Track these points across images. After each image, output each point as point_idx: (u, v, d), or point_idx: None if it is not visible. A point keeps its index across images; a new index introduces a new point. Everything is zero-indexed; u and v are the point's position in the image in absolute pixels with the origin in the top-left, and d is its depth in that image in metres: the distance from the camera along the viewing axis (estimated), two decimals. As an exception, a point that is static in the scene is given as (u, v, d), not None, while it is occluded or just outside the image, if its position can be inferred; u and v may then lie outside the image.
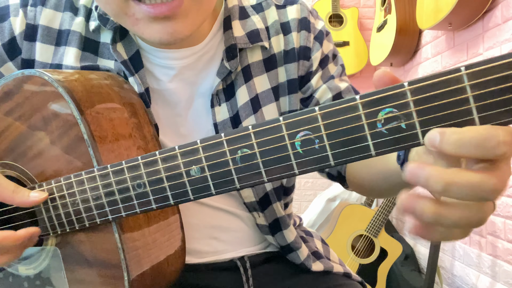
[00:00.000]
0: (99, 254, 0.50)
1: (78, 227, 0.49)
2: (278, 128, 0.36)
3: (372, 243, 2.00)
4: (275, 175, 0.37)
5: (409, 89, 0.31)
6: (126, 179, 0.44)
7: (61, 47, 0.58)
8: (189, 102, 0.62)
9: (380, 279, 1.98)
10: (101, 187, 0.46)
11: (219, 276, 0.67)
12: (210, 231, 0.65)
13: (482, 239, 1.70)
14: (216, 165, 0.39)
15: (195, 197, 0.41)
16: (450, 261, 1.94)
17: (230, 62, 0.59)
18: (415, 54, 2.27)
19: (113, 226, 0.48)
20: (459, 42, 1.82)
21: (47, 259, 0.54)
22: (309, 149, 0.35)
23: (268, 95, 0.63)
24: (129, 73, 0.57)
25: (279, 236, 0.66)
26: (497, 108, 0.29)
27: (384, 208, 1.98)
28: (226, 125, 0.61)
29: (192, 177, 0.40)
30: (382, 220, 1.98)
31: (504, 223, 1.56)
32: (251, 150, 0.37)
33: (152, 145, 0.55)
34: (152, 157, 0.42)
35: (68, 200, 0.49)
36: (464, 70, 0.30)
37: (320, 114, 0.34)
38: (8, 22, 0.57)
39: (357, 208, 2.07)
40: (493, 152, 0.28)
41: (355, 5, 2.86)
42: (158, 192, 0.43)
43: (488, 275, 1.65)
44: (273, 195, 0.64)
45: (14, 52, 0.57)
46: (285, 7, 0.65)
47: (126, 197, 0.45)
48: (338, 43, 2.65)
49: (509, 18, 1.48)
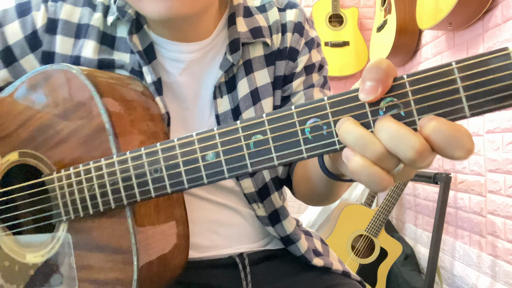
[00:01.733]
0: (110, 240, 0.51)
1: (92, 212, 0.51)
2: (290, 115, 0.39)
3: (372, 243, 2.00)
4: (285, 159, 0.40)
5: (407, 81, 0.35)
6: (144, 164, 0.47)
7: (80, 40, 0.61)
8: (197, 96, 0.64)
9: (380, 279, 1.98)
10: (118, 172, 0.48)
11: (218, 273, 0.67)
12: (210, 226, 0.66)
13: (482, 239, 1.70)
14: (230, 150, 0.42)
15: (208, 181, 0.44)
16: (450, 261, 1.94)
17: (232, 55, 0.62)
18: (415, 54, 2.27)
19: (126, 211, 0.50)
20: (459, 42, 1.82)
21: (57, 245, 0.55)
22: (318, 135, 0.38)
23: (267, 89, 0.66)
24: (143, 62, 0.60)
25: (279, 227, 0.68)
26: (484, 97, 0.33)
27: (384, 208, 1.98)
28: (228, 117, 0.64)
29: (208, 162, 0.43)
30: (382, 220, 1.98)
31: (504, 223, 1.56)
32: (264, 136, 0.40)
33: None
34: (170, 143, 0.45)
35: (85, 185, 0.50)
36: (455, 64, 0.34)
37: (329, 103, 0.38)
38: (30, 16, 0.60)
39: (357, 208, 2.07)
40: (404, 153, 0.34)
41: (355, 5, 2.86)
42: (173, 176, 0.45)
43: (488, 275, 1.65)
44: (271, 185, 0.67)
45: (36, 44, 0.60)
46: (285, 10, 0.69)
47: (142, 182, 0.47)
48: (338, 43, 2.65)
49: (509, 18, 1.48)
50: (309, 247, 0.71)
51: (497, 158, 1.60)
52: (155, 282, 0.55)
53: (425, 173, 1.89)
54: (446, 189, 1.73)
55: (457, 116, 0.34)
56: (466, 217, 1.82)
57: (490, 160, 1.64)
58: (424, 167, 0.35)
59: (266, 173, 0.66)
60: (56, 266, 0.55)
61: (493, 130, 1.61)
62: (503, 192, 1.56)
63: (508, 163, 1.53)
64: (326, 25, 2.69)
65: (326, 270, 0.71)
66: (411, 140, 0.33)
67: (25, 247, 0.57)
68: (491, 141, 1.63)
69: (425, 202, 2.19)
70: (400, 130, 0.34)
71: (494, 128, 1.61)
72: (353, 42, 2.64)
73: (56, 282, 0.55)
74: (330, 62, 2.60)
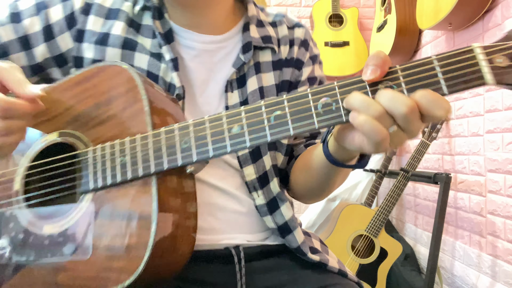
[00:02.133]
0: (132, 207, 0.56)
1: (120, 179, 0.56)
2: (305, 95, 0.49)
3: (372, 243, 2.00)
4: (300, 129, 0.49)
5: (399, 68, 0.47)
6: (175, 137, 0.55)
7: (110, 20, 0.71)
8: (204, 85, 0.72)
9: (380, 279, 1.98)
10: (151, 144, 0.55)
11: (213, 268, 0.69)
12: (207, 208, 0.70)
13: (482, 239, 1.70)
14: (254, 123, 0.51)
15: (231, 149, 0.52)
16: (450, 261, 1.94)
17: (244, 54, 0.72)
18: (415, 54, 2.27)
19: (152, 179, 0.55)
20: (459, 42, 1.82)
21: (78, 215, 0.59)
22: (328, 110, 0.48)
23: (272, 90, 0.74)
24: (163, 42, 0.69)
25: (277, 214, 0.72)
26: (456, 79, 0.45)
27: (384, 208, 1.98)
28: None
29: (232, 133, 0.52)
30: (382, 220, 1.98)
31: (504, 223, 1.56)
32: (282, 111, 0.50)
33: None
34: (201, 119, 0.54)
35: (118, 156, 0.57)
36: (435, 56, 0.46)
37: (337, 85, 0.48)
38: (70, 1, 0.71)
39: (357, 208, 2.07)
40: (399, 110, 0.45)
41: (355, 5, 2.86)
42: (200, 146, 0.53)
43: (488, 275, 1.65)
44: (271, 173, 0.72)
45: (72, 23, 0.70)
46: (294, 28, 0.81)
47: (172, 151, 0.54)
48: (338, 43, 2.65)
49: (509, 18, 1.47)
50: (305, 240, 0.73)
51: (497, 158, 1.60)
52: (162, 265, 0.57)
53: (425, 173, 1.89)
54: (446, 189, 1.73)
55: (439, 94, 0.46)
56: (466, 217, 1.82)
57: (490, 160, 1.64)
58: (413, 132, 0.46)
59: (267, 160, 0.72)
60: (72, 235, 0.58)
61: (493, 130, 1.61)
62: (503, 192, 1.56)
63: (508, 163, 1.53)
64: (326, 25, 2.69)
65: (322, 269, 0.72)
66: (405, 100, 0.44)
67: (45, 219, 0.60)
68: (491, 141, 1.63)
69: (425, 202, 2.19)
70: (395, 94, 0.45)
71: (494, 128, 1.61)
72: (353, 42, 2.64)
73: (69, 251, 0.58)
74: (330, 62, 2.59)
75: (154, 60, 0.69)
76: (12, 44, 0.70)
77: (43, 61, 0.71)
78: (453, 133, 1.93)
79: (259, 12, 0.79)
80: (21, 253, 0.60)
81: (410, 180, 1.98)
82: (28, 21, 0.70)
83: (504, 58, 0.44)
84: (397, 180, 1.97)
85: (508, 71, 0.44)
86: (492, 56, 0.45)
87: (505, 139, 1.55)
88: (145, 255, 0.53)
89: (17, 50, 0.70)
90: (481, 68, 0.44)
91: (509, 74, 0.44)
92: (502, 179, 1.57)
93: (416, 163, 1.95)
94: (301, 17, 2.90)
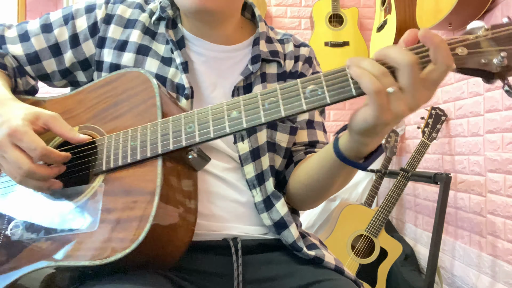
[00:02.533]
0: (138, 184, 0.62)
1: (130, 160, 0.64)
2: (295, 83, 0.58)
3: (372, 243, 2.00)
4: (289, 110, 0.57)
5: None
6: (181, 123, 0.63)
7: (128, 29, 0.80)
8: (212, 87, 0.79)
9: (380, 279, 1.97)
10: (159, 129, 0.63)
11: (210, 258, 0.71)
12: (208, 196, 0.74)
13: (482, 239, 1.70)
14: (250, 107, 0.59)
15: (230, 130, 0.59)
16: (450, 261, 1.94)
17: (253, 65, 0.79)
18: (415, 54, 2.27)
19: (159, 160, 0.62)
20: (459, 42, 1.82)
21: (90, 194, 0.65)
22: (314, 94, 0.57)
23: None
24: (175, 48, 0.77)
25: (273, 211, 0.75)
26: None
27: (384, 208, 1.98)
28: None
29: (231, 117, 0.60)
30: (382, 220, 1.98)
31: (504, 223, 1.56)
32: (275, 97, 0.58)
33: None
34: (204, 108, 0.62)
35: (130, 140, 0.65)
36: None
37: (323, 74, 0.58)
38: (94, 13, 0.81)
39: (357, 208, 2.07)
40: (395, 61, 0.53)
41: (355, 5, 2.86)
42: (203, 128, 0.61)
43: (488, 275, 1.65)
44: (268, 172, 0.77)
45: (95, 31, 0.80)
46: (300, 47, 0.88)
47: (177, 134, 0.62)
48: (338, 43, 2.65)
49: (509, 18, 1.48)
50: (299, 234, 0.76)
51: (497, 158, 1.60)
52: (163, 240, 0.61)
53: (425, 173, 1.89)
54: (446, 189, 1.73)
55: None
56: (466, 217, 1.82)
57: (490, 160, 1.64)
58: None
59: (265, 161, 0.77)
60: (82, 211, 0.64)
61: (493, 130, 1.61)
62: (503, 192, 1.56)
63: (508, 163, 1.53)
64: (326, 25, 2.69)
65: (318, 265, 0.73)
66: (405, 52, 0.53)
67: (60, 199, 0.67)
68: (491, 141, 1.63)
69: (425, 202, 2.19)
70: (398, 48, 0.53)
71: (494, 128, 1.61)
72: (353, 42, 2.64)
73: (77, 225, 0.63)
74: (330, 62, 2.59)
75: (164, 65, 0.77)
76: (44, 51, 0.80)
77: (70, 66, 0.80)
78: (453, 133, 1.93)
79: (269, 30, 0.87)
80: (32, 231, 0.66)
81: (410, 180, 1.98)
82: (57, 31, 0.80)
83: (464, 48, 0.55)
84: (397, 180, 1.97)
85: (468, 57, 0.54)
86: (453, 46, 0.54)
87: (505, 139, 1.55)
88: (147, 225, 0.57)
89: (49, 56, 0.80)
90: None
91: (469, 59, 0.54)
92: (502, 179, 1.57)
93: (416, 163, 1.95)
94: (301, 17, 2.90)
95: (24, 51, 0.79)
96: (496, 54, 0.54)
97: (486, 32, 0.55)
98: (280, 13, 2.90)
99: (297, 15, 2.90)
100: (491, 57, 0.54)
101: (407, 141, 2.43)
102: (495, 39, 0.54)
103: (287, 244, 0.74)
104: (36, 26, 0.81)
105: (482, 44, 0.54)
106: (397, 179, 1.98)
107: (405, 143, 2.45)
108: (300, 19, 2.90)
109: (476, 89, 1.74)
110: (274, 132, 0.78)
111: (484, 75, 0.55)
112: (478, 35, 0.55)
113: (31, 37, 0.80)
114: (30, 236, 0.66)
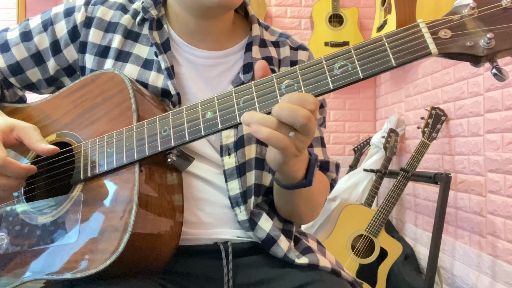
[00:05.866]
0: (116, 193, 0.61)
1: (106, 168, 0.62)
2: (270, 79, 0.56)
3: (372, 243, 2.00)
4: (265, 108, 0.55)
5: (352, 47, 0.53)
6: (156, 126, 0.60)
7: (109, 34, 0.76)
8: (200, 94, 0.75)
9: (380, 279, 1.98)
10: (135, 134, 0.61)
11: (200, 262, 0.70)
12: (197, 203, 0.71)
13: (482, 239, 1.70)
14: (225, 107, 0.57)
15: (205, 133, 0.57)
16: (450, 261, 1.94)
17: (244, 75, 0.74)
18: (415, 54, 2.27)
19: (135, 166, 0.61)
20: (459, 42, 1.82)
21: (69, 205, 0.64)
22: (290, 90, 0.55)
23: None
24: (159, 52, 0.73)
25: (258, 229, 0.71)
26: (404, 51, 0.51)
27: (384, 208, 1.98)
28: None
29: (206, 118, 0.57)
30: (382, 220, 1.98)
31: (504, 223, 1.56)
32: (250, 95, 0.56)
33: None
34: (179, 109, 0.60)
35: (106, 147, 0.63)
36: (384, 36, 0.52)
37: (298, 68, 0.55)
38: (73, 16, 0.77)
39: (357, 208, 2.07)
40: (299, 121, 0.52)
41: (355, 5, 2.86)
42: (178, 131, 0.59)
43: (488, 275, 1.65)
44: (251, 190, 0.73)
45: (75, 36, 0.76)
46: (297, 50, 0.82)
47: (152, 139, 0.60)
48: (338, 43, 2.65)
49: (509, 18, 1.47)
50: (291, 245, 0.73)
51: (497, 158, 1.60)
52: (145, 248, 0.60)
53: (425, 173, 1.89)
54: (446, 189, 1.73)
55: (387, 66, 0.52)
56: (466, 217, 1.82)
57: (490, 160, 1.64)
58: (310, 132, 0.53)
59: (251, 178, 0.72)
60: (62, 223, 0.63)
61: (493, 130, 1.61)
62: (503, 192, 1.56)
63: (508, 163, 1.53)
64: (326, 25, 2.69)
65: (312, 267, 0.71)
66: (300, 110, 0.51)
67: (41, 210, 0.66)
68: (491, 141, 1.63)
69: (425, 202, 2.19)
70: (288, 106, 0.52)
71: (494, 128, 1.61)
72: (353, 42, 2.64)
73: (59, 237, 0.62)
74: (330, 62, 2.59)
75: (144, 69, 0.74)
76: (26, 61, 0.77)
77: (55, 73, 0.78)
78: (453, 133, 1.93)
79: (263, 32, 0.81)
80: (17, 243, 0.65)
81: (410, 180, 1.98)
82: (37, 38, 0.77)
83: (448, 31, 0.50)
84: (397, 180, 1.97)
85: (452, 40, 0.50)
86: (436, 29, 0.51)
87: (505, 139, 1.55)
88: (126, 235, 0.56)
89: (31, 66, 0.77)
90: (426, 40, 0.50)
91: (453, 43, 0.50)
92: (502, 179, 1.57)
93: (416, 163, 1.95)
94: (301, 17, 2.90)
95: (6, 63, 0.77)
96: (482, 35, 0.49)
97: (472, 11, 0.50)
98: (280, 13, 2.90)
99: (297, 15, 2.90)
100: (477, 38, 0.49)
101: (407, 141, 2.43)
102: (481, 17, 0.50)
103: (278, 258, 0.71)
104: (15, 35, 0.77)
105: (467, 24, 0.50)
106: (397, 179, 1.98)
107: (405, 143, 2.45)
108: (300, 19, 2.90)
109: (476, 89, 1.74)
110: (265, 147, 0.72)
111: (470, 59, 0.51)
112: (463, 15, 0.51)
113: (11, 47, 0.77)
114: (15, 249, 0.65)
